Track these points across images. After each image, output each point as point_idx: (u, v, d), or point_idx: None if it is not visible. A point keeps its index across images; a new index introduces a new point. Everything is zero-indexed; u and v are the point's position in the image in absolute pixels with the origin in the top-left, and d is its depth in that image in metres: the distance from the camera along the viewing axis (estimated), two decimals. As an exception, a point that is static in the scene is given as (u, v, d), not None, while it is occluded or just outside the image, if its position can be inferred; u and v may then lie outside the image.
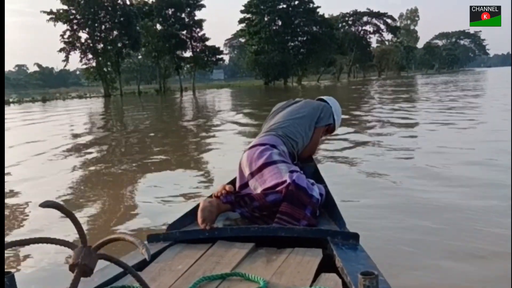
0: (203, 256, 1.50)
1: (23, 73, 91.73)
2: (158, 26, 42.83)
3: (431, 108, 12.44)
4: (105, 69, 38.53)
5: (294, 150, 2.24)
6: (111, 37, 38.92)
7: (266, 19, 53.69)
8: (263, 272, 1.34)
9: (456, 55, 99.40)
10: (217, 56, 46.42)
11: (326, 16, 60.21)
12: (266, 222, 1.84)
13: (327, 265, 1.39)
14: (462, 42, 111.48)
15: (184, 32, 45.06)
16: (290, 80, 56.29)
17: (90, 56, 38.26)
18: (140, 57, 46.27)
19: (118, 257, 1.14)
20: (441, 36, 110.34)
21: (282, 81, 55.12)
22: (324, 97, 2.56)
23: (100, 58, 37.93)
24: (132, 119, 15.80)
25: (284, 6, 53.90)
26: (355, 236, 1.55)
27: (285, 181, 1.87)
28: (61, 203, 1.10)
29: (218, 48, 46.27)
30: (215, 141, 8.23)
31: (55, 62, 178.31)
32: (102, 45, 38.09)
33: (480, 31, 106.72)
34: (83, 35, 38.62)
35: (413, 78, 54.02)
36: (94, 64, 38.48)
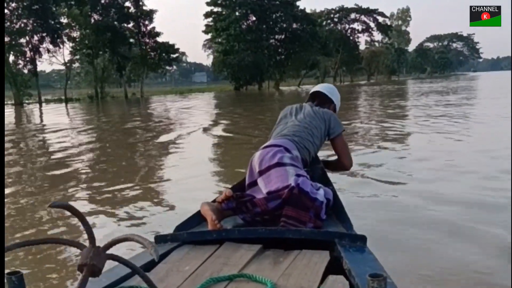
0: (210, 257, 1.50)
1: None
2: (96, 17, 33.90)
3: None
4: (15, 70, 29.31)
5: (307, 158, 2.24)
6: (28, 28, 30.01)
7: (237, 13, 45.54)
8: (270, 273, 1.35)
9: (449, 59, 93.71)
10: (172, 55, 37.68)
11: (308, 11, 52.32)
12: (267, 226, 1.81)
13: (334, 267, 1.38)
14: (454, 45, 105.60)
15: (130, 25, 36.37)
16: (266, 84, 48.20)
17: (-8, 52, 29.03)
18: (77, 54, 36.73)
19: (126, 258, 1.13)
20: (433, 38, 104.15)
21: (256, 85, 47.08)
22: (320, 89, 2.57)
23: (7, 55, 28.72)
24: None
25: (259, -3, 45.77)
26: (363, 239, 1.54)
27: (289, 185, 1.88)
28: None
29: (173, 45, 37.41)
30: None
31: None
32: (9, 38, 28.83)
33: (474, 33, 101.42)
34: (-15, 25, 29.46)
35: (407, 83, 45.92)
36: (-1, 63, 29.27)
